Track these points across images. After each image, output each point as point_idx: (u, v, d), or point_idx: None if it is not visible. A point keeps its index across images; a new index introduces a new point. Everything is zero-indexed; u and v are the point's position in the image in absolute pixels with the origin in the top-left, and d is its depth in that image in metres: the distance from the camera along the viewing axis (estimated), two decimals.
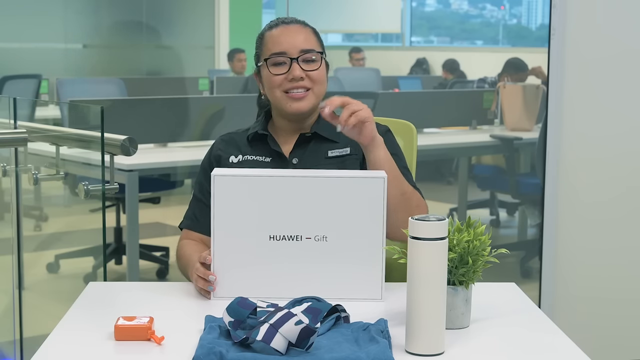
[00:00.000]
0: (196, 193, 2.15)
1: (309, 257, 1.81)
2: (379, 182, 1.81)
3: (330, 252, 1.81)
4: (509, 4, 11.30)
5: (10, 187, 3.13)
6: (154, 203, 5.23)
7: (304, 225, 1.80)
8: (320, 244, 1.81)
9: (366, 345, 1.51)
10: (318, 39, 2.13)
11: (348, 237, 1.81)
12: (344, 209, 1.80)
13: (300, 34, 2.10)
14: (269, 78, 2.09)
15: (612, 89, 3.34)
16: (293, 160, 2.11)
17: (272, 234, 1.81)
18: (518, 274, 4.91)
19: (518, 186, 5.24)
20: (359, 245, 1.81)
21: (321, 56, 2.10)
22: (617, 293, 3.37)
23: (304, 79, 2.07)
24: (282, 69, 2.07)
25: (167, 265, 4.96)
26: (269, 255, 1.81)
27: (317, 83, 2.09)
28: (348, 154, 2.12)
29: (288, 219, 1.80)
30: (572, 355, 1.57)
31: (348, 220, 1.81)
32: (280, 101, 2.09)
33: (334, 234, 1.81)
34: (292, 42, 2.07)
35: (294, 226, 1.80)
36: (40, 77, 6.96)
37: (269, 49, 2.09)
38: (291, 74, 2.06)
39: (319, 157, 2.11)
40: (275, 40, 2.09)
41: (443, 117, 5.71)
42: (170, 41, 9.12)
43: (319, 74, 2.09)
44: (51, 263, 4.85)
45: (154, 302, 1.83)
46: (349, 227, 1.81)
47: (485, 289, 1.87)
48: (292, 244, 1.81)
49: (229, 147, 2.15)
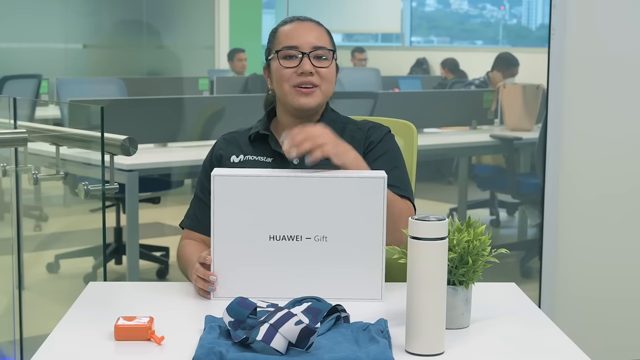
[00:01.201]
0: (197, 192, 2.15)
1: (309, 257, 1.81)
2: (378, 182, 1.81)
3: (330, 252, 1.81)
4: (509, 4, 11.30)
5: (10, 187, 3.13)
6: (154, 203, 5.23)
7: (304, 226, 1.80)
8: (320, 244, 1.81)
9: (366, 345, 1.51)
10: (331, 40, 2.14)
11: (348, 237, 1.81)
12: (344, 209, 1.80)
13: (314, 31, 2.11)
14: (279, 71, 2.09)
15: (612, 89, 3.34)
16: (294, 161, 2.10)
17: (272, 234, 1.81)
18: (518, 274, 4.91)
19: (518, 186, 5.24)
20: (359, 245, 1.81)
21: (332, 55, 2.11)
22: (617, 293, 3.37)
23: (313, 74, 2.07)
24: (292, 63, 2.07)
25: (167, 265, 4.96)
26: (269, 256, 1.81)
27: (326, 81, 2.09)
28: None
29: (288, 219, 1.80)
30: (572, 355, 1.57)
31: (348, 220, 1.81)
32: (287, 94, 2.08)
33: (334, 234, 1.81)
34: (305, 38, 2.08)
35: (294, 226, 1.80)
36: (40, 77, 6.95)
37: (281, 42, 2.10)
38: (301, 68, 2.06)
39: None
40: (288, 35, 2.10)
41: (443, 117, 5.71)
42: (170, 41, 9.12)
43: (329, 72, 2.09)
44: (51, 263, 4.85)
45: (154, 302, 1.83)
46: (349, 227, 1.81)
47: (485, 289, 1.87)
48: (292, 244, 1.81)
49: (231, 147, 2.15)
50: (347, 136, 2.11)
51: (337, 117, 2.18)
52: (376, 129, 2.15)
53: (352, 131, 2.15)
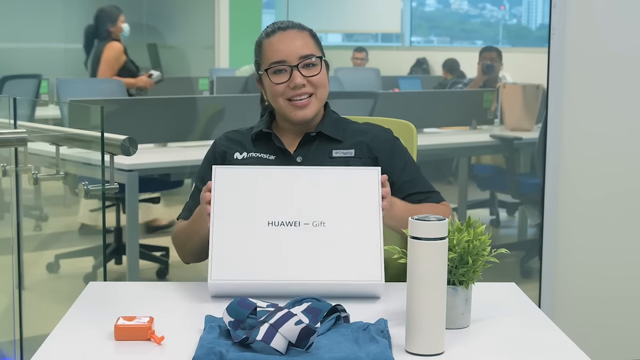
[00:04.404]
0: (198, 186, 2.15)
1: (308, 241, 1.83)
2: (372, 173, 1.88)
3: (329, 236, 1.83)
4: (509, 4, 11.30)
5: (10, 187, 3.13)
6: (154, 203, 5.23)
7: (302, 212, 1.85)
8: (319, 229, 1.83)
9: (366, 345, 1.51)
10: (316, 42, 2.14)
11: (346, 222, 1.84)
12: (341, 197, 1.86)
13: (297, 39, 2.10)
14: (270, 87, 2.10)
15: (612, 88, 3.34)
16: (297, 159, 2.12)
17: (270, 220, 1.84)
18: (518, 274, 4.91)
19: (518, 186, 5.24)
20: (357, 230, 1.84)
21: (320, 60, 2.11)
22: (617, 293, 3.37)
23: (305, 85, 2.08)
24: (283, 77, 2.08)
25: (167, 265, 4.96)
26: (268, 240, 1.83)
27: (319, 87, 2.10)
28: (352, 157, 2.13)
29: (286, 206, 1.85)
30: (572, 355, 1.57)
31: (345, 208, 1.85)
32: (284, 110, 2.10)
33: (332, 220, 1.84)
34: (291, 49, 2.07)
35: (292, 213, 1.85)
36: (40, 77, 6.95)
37: (267, 58, 2.10)
38: (292, 82, 2.07)
39: (323, 156, 2.12)
40: (274, 49, 2.09)
41: (443, 117, 5.71)
42: (170, 41, 9.12)
43: (320, 78, 2.10)
44: (51, 263, 4.85)
45: (154, 302, 1.83)
46: (346, 213, 1.85)
47: (485, 289, 1.87)
48: (291, 229, 1.83)
49: (234, 145, 2.17)
50: (349, 138, 2.13)
51: (337, 118, 2.20)
52: (383, 141, 2.16)
53: (354, 132, 2.16)
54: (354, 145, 2.14)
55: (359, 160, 2.12)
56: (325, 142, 2.14)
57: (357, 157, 2.13)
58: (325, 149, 2.13)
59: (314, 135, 2.14)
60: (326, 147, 2.13)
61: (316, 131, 2.14)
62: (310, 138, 2.14)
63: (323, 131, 2.14)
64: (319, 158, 2.12)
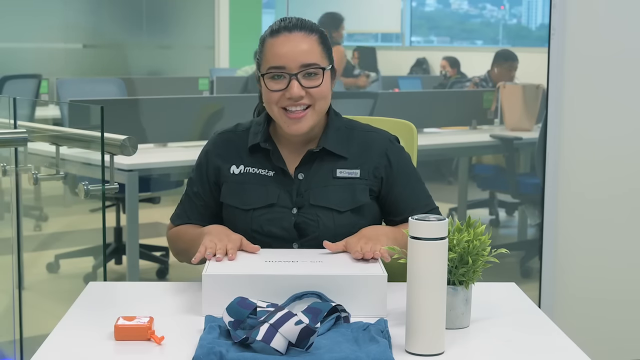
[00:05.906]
0: (188, 192, 2.09)
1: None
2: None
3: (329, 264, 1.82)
4: (509, 4, 11.29)
5: (10, 187, 3.13)
6: (154, 203, 5.22)
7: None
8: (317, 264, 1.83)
9: (366, 345, 1.51)
10: (324, 47, 1.97)
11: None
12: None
13: (302, 44, 1.93)
14: (266, 93, 1.95)
15: (612, 88, 3.34)
16: (299, 176, 2.00)
17: (267, 259, 1.84)
18: (518, 274, 4.91)
19: (518, 186, 5.24)
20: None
21: (323, 71, 1.94)
22: (617, 293, 3.37)
23: (303, 97, 1.92)
24: (280, 84, 1.92)
25: (167, 265, 4.96)
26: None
27: (319, 99, 1.94)
28: (358, 177, 2.00)
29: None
30: (572, 355, 1.57)
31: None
32: (278, 119, 1.96)
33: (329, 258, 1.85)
34: (293, 55, 1.91)
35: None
36: (40, 77, 6.95)
37: (267, 60, 1.94)
38: (289, 93, 1.91)
39: (326, 176, 2.00)
40: (275, 52, 1.92)
41: (443, 117, 5.71)
42: (170, 41, 9.12)
43: (321, 90, 1.94)
44: (51, 263, 4.85)
45: (154, 302, 1.83)
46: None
47: (485, 289, 1.87)
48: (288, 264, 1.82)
49: (228, 153, 2.04)
50: (355, 153, 2.03)
51: (340, 127, 2.05)
52: (390, 158, 2.04)
53: (360, 145, 2.04)
54: (360, 165, 2.01)
55: (364, 182, 2.00)
56: (329, 159, 2.00)
57: (363, 179, 2.00)
58: (329, 167, 2.00)
59: (317, 152, 2.00)
60: (330, 165, 2.00)
61: (319, 148, 1.99)
62: (313, 155, 2.00)
63: (327, 147, 1.99)
64: (322, 178, 2.00)
